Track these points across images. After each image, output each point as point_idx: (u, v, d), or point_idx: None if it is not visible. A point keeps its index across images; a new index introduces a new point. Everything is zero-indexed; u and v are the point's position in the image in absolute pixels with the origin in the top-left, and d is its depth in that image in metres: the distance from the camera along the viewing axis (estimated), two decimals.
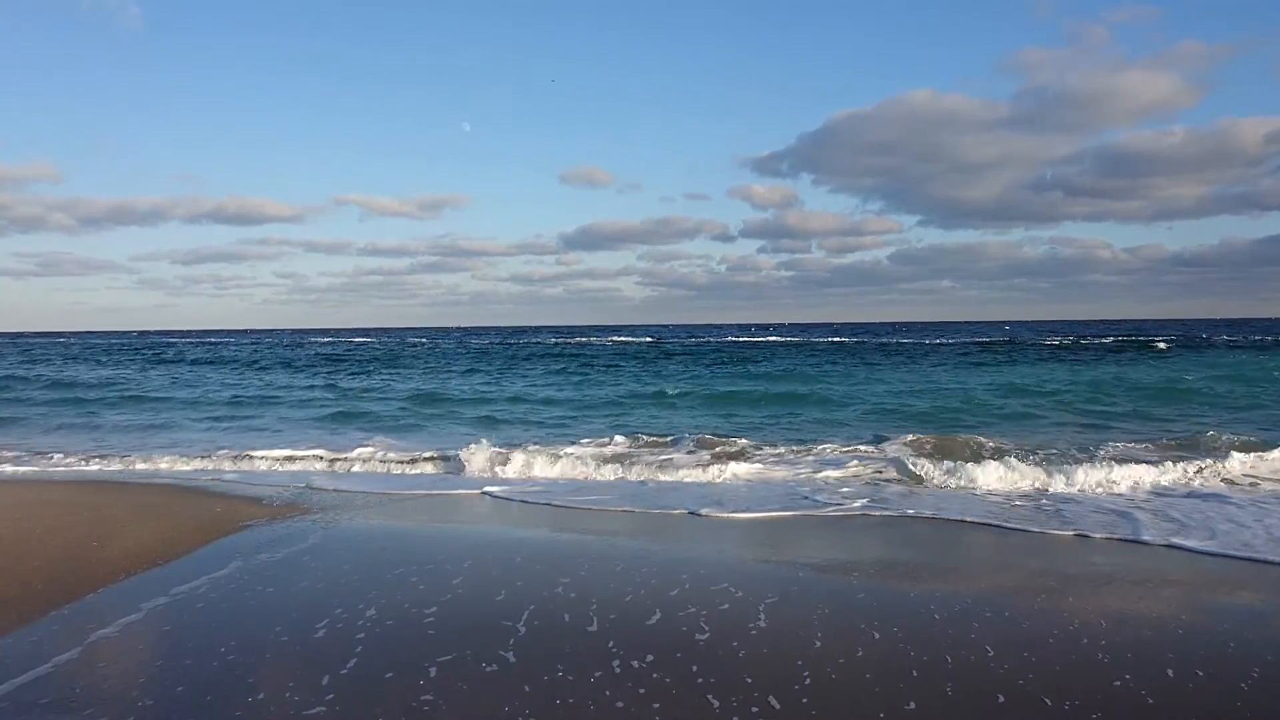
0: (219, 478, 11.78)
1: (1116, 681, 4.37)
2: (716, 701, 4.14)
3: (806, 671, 4.49)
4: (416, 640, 5.01)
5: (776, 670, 4.52)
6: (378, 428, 17.32)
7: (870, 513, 8.87)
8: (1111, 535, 7.69)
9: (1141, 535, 7.62)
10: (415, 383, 29.50)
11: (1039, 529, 8.01)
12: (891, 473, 11.11)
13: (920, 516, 8.67)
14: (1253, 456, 11.20)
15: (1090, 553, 7.21)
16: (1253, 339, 59.88)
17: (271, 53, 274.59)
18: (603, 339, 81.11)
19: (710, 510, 9.08)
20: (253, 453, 13.62)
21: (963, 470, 10.57)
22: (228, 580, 6.29)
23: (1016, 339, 66.14)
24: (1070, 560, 6.97)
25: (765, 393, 23.25)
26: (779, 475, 11.16)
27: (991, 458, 11.41)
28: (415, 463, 12.83)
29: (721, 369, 34.28)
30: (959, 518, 8.54)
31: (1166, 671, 4.49)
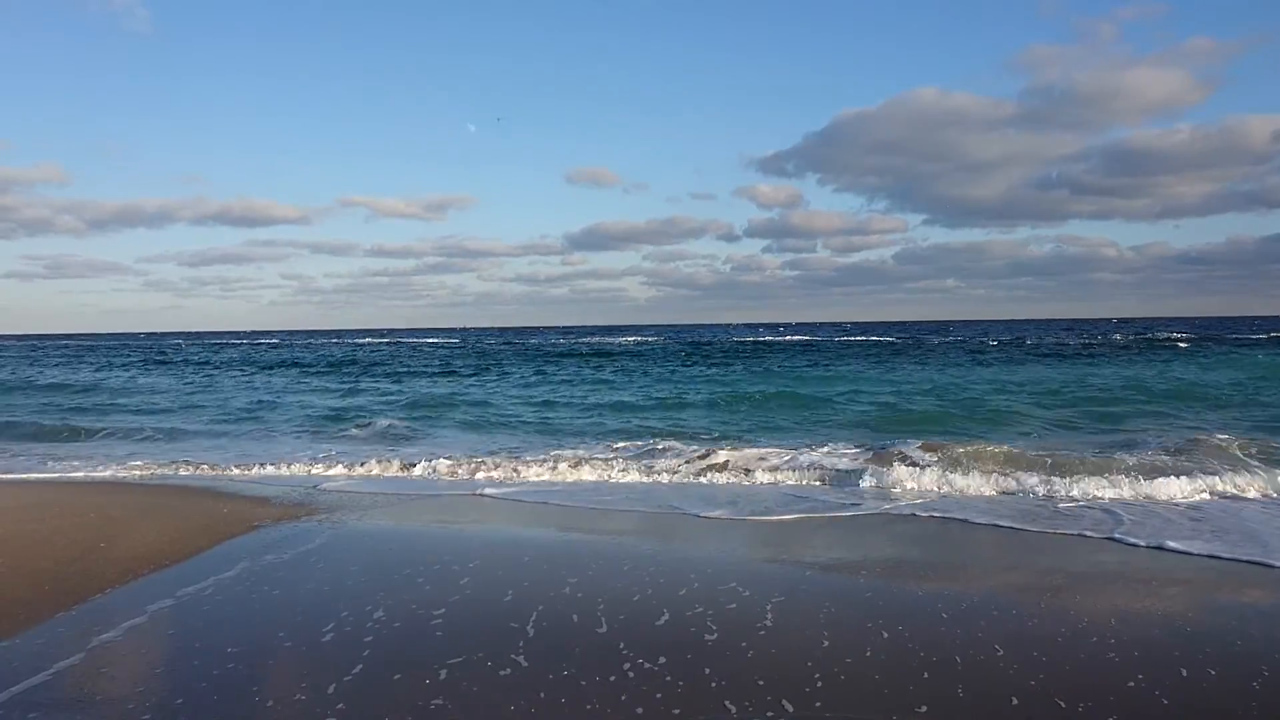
0: (227, 478, 11.78)
1: (1131, 683, 4.35)
2: (733, 707, 4.10)
3: (818, 674, 4.46)
4: (425, 643, 4.99)
5: (787, 672, 4.49)
6: (388, 434, 17.31)
7: (874, 512, 8.85)
8: (1115, 535, 7.66)
9: (1146, 536, 7.59)
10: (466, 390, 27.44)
11: (1042, 528, 7.98)
12: (896, 472, 11.06)
13: (923, 516, 8.64)
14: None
15: (1094, 552, 7.18)
16: (1274, 335, 59.01)
17: (277, 55, 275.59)
18: (615, 339, 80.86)
19: (716, 511, 9.06)
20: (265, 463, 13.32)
21: (972, 470, 10.53)
22: (234, 582, 6.29)
23: (1039, 338, 64.60)
24: (1075, 559, 6.94)
25: (780, 392, 23.05)
26: (786, 477, 11.13)
27: (1006, 458, 11.37)
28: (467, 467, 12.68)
29: (731, 369, 33.93)
30: (963, 516, 8.52)
31: (1180, 671, 4.47)
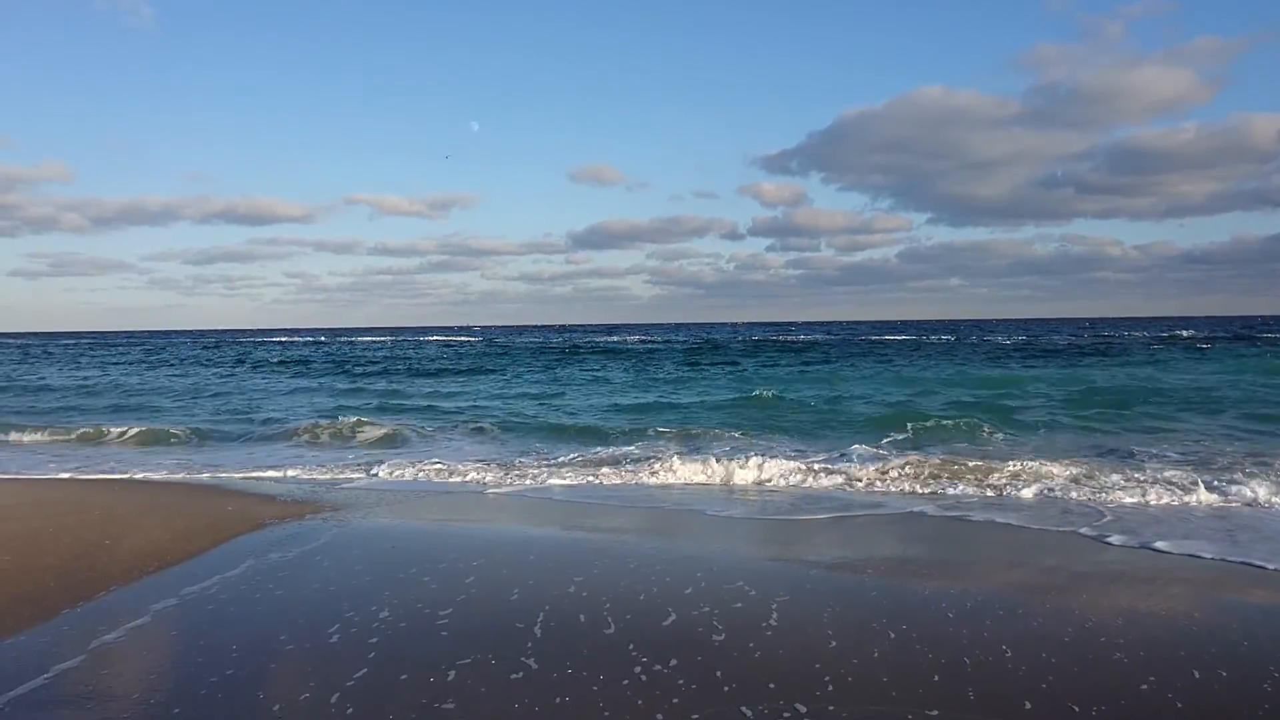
0: (231, 477, 11.78)
1: (1144, 685, 4.31)
2: (749, 711, 4.05)
3: (827, 676, 4.43)
4: (432, 643, 4.96)
5: (798, 674, 4.46)
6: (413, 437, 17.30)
7: (877, 512, 8.82)
8: (1119, 536, 7.62)
9: (1154, 538, 7.55)
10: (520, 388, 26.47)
11: (1046, 527, 7.95)
12: (902, 471, 11.03)
13: (925, 515, 8.61)
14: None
15: (1098, 551, 7.14)
16: None
17: (281, 53, 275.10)
18: (618, 336, 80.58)
19: (721, 510, 9.03)
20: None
21: (977, 470, 10.50)
22: (240, 580, 6.27)
23: (1052, 338, 63.57)
24: (1079, 559, 6.91)
25: (787, 395, 22.83)
26: (792, 477, 11.10)
27: (1030, 457, 11.40)
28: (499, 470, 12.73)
29: (735, 370, 33.83)
30: (966, 515, 8.50)
31: (1193, 673, 4.43)
